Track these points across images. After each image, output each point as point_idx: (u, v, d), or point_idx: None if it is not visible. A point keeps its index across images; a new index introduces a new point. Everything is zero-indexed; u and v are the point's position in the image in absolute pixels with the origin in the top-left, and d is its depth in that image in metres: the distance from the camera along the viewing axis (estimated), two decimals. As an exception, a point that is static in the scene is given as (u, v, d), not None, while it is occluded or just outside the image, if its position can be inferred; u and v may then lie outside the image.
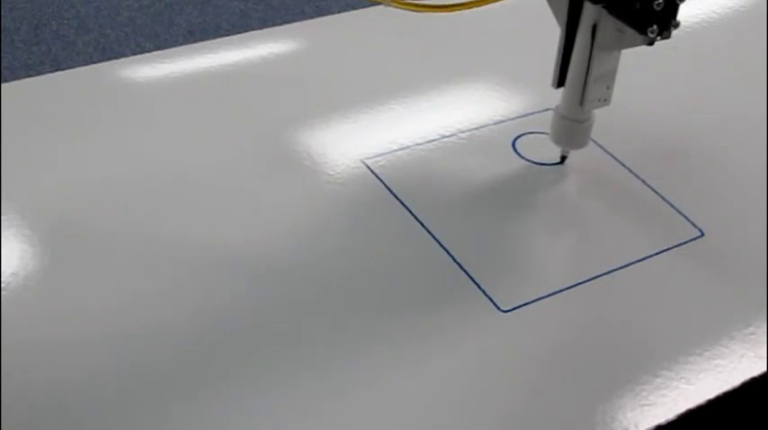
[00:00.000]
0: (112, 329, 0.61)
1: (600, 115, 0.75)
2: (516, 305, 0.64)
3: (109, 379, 0.58)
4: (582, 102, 0.71)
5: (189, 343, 0.61)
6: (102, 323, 0.61)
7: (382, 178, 0.75)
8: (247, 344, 0.61)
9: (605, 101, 0.71)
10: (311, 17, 1.01)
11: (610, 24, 0.67)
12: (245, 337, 0.61)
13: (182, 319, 0.62)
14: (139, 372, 0.59)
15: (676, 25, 0.65)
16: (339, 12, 0.98)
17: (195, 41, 0.93)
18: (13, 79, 0.85)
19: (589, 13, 0.67)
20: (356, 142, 0.79)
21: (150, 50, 0.91)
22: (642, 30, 0.64)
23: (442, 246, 0.69)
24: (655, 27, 0.64)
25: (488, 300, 0.65)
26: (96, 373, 0.58)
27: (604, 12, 0.66)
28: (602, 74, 0.70)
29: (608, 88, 0.71)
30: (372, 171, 0.75)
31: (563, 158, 0.77)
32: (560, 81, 0.72)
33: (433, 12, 0.71)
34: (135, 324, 0.62)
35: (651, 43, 0.65)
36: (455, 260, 0.67)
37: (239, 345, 0.61)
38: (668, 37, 0.65)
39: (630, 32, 0.65)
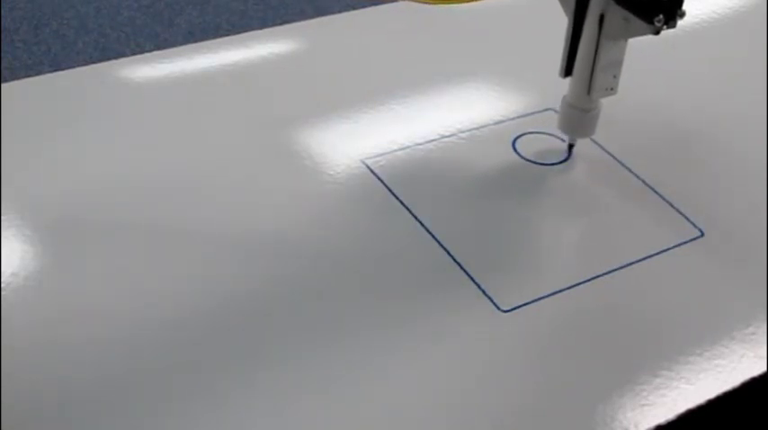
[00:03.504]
0: (112, 329, 0.61)
1: (600, 116, 0.75)
2: (516, 305, 0.64)
3: (109, 378, 0.58)
4: (589, 91, 0.71)
5: (188, 343, 0.61)
6: (103, 323, 0.61)
7: (382, 178, 0.75)
8: (246, 343, 0.61)
9: (612, 90, 0.72)
10: (311, 17, 1.01)
11: (617, 14, 0.67)
12: (244, 336, 0.61)
13: (181, 320, 0.62)
14: (139, 372, 0.59)
15: (682, 15, 0.65)
16: (339, 12, 0.98)
17: (195, 41, 0.93)
18: (13, 79, 0.85)
19: (596, 2, 0.68)
20: (356, 142, 0.79)
21: (150, 50, 0.91)
22: (649, 19, 0.65)
23: (442, 246, 0.69)
24: (661, 16, 0.64)
25: (488, 300, 0.65)
26: (97, 373, 0.58)
27: (611, 1, 0.67)
28: (609, 63, 0.70)
29: (615, 77, 0.72)
30: (372, 171, 0.75)
31: (570, 147, 0.78)
32: (568, 70, 0.72)
33: (447, 4, 0.72)
34: (134, 323, 0.62)
35: (657, 32, 0.65)
36: (455, 260, 0.67)
37: (238, 344, 0.61)
38: (674, 26, 0.65)
39: (637, 22, 0.66)
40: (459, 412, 0.58)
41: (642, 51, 0.75)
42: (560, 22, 0.72)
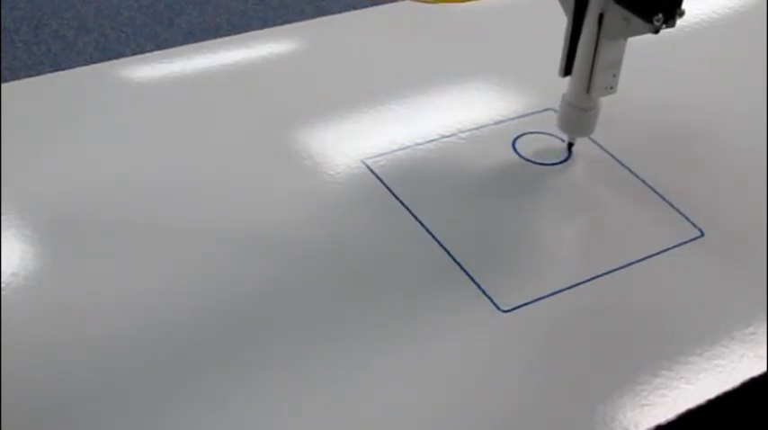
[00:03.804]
0: (112, 329, 0.61)
1: (600, 116, 0.75)
2: (516, 305, 0.64)
3: (109, 378, 0.58)
4: (589, 90, 0.71)
5: (188, 343, 0.61)
6: (103, 323, 0.61)
7: (382, 178, 0.75)
8: (246, 343, 0.61)
9: (611, 89, 0.72)
10: (311, 17, 1.01)
11: (616, 13, 0.67)
12: (244, 337, 0.61)
13: (181, 320, 0.62)
14: (139, 372, 0.59)
15: (681, 14, 0.65)
16: (339, 12, 0.98)
17: (195, 41, 0.93)
18: (13, 79, 0.85)
19: (596, 2, 0.68)
20: (356, 142, 0.79)
21: (150, 50, 0.91)
22: (648, 18, 0.65)
23: (441, 245, 0.69)
24: (660, 16, 0.64)
25: (488, 300, 0.65)
26: (97, 373, 0.58)
27: (611, 1, 0.67)
28: (609, 62, 0.71)
29: (614, 76, 0.72)
30: (372, 171, 0.75)
31: (570, 146, 0.78)
32: (567, 70, 0.72)
33: (447, 3, 0.72)
34: (134, 323, 0.62)
35: (657, 31, 0.65)
36: (455, 260, 0.67)
37: (238, 344, 0.61)
38: (673, 25, 0.66)
39: (636, 21, 0.66)
40: (460, 412, 0.58)
41: (642, 51, 0.75)
42: (560, 22, 0.72)
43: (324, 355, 0.60)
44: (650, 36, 0.67)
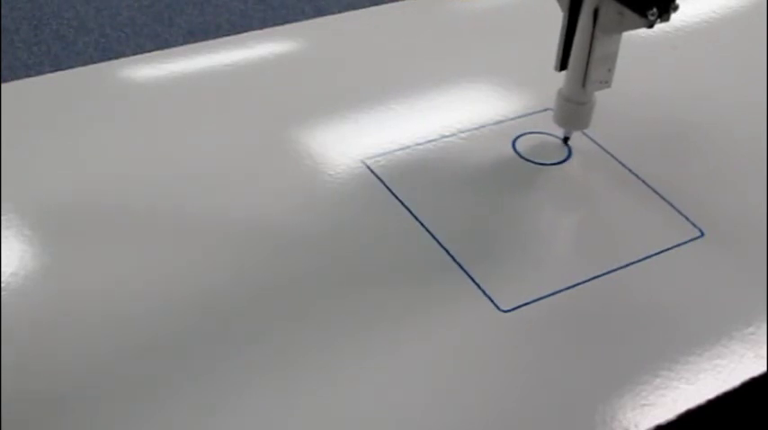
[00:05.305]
0: (112, 329, 0.61)
1: (600, 115, 0.75)
2: (516, 305, 0.64)
3: (109, 378, 0.58)
4: (584, 84, 0.72)
5: (188, 343, 0.61)
6: (102, 323, 0.61)
7: (382, 178, 0.75)
8: (245, 344, 0.61)
9: (606, 83, 0.73)
10: (311, 17, 1.01)
11: (611, 8, 0.68)
12: (243, 337, 0.61)
13: (181, 321, 0.62)
14: (139, 371, 0.59)
15: (675, 8, 0.66)
16: (339, 12, 0.98)
17: (195, 41, 0.93)
18: (13, 79, 0.85)
19: None
20: (356, 142, 0.79)
21: (150, 50, 0.91)
22: (642, 12, 0.65)
23: (441, 245, 0.69)
24: (654, 10, 0.65)
25: (488, 300, 0.65)
26: (96, 373, 0.58)
27: None
28: (604, 56, 0.71)
29: (609, 71, 0.72)
30: (372, 171, 0.75)
31: (566, 139, 0.78)
32: (563, 64, 0.73)
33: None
34: (134, 324, 0.62)
35: (651, 26, 0.66)
36: (455, 260, 0.67)
37: (238, 345, 0.61)
38: (668, 19, 0.66)
39: (631, 15, 0.66)
40: (459, 412, 0.58)
41: (642, 51, 0.75)
42: (560, 23, 0.72)
43: (323, 355, 0.60)
44: (651, 36, 0.67)
